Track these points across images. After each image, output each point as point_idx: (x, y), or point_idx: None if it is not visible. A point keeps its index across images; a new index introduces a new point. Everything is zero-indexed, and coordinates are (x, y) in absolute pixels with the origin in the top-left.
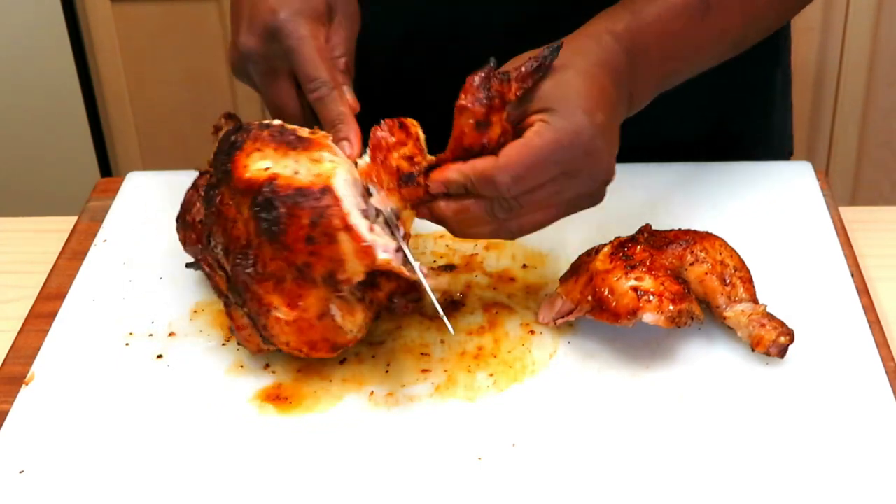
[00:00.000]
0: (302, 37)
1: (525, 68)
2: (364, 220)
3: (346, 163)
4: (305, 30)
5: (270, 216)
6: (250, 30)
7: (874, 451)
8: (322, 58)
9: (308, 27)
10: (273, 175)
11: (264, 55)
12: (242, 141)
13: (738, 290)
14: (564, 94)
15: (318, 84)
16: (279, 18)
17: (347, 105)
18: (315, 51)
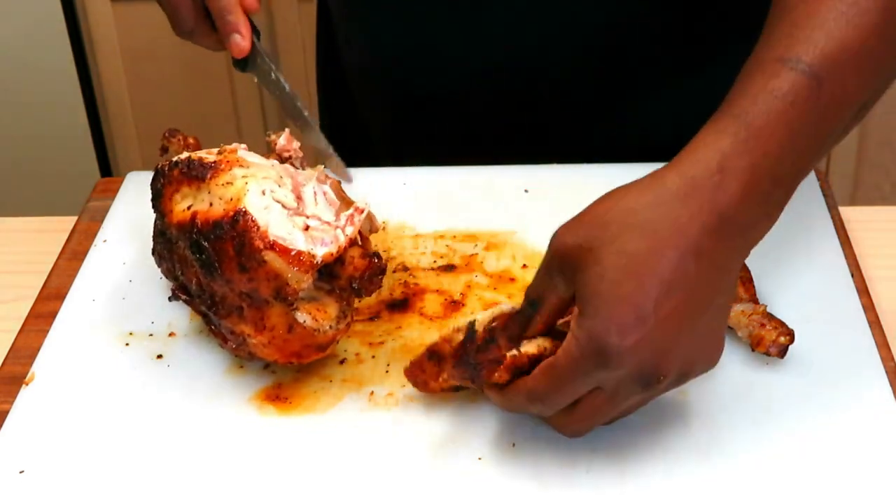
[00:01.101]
0: None
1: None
2: (291, 224)
3: (260, 169)
4: None
5: (202, 257)
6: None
7: (874, 451)
8: None
9: None
10: (194, 213)
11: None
12: (162, 186)
13: (738, 290)
14: (597, 293)
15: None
16: None
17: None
18: None
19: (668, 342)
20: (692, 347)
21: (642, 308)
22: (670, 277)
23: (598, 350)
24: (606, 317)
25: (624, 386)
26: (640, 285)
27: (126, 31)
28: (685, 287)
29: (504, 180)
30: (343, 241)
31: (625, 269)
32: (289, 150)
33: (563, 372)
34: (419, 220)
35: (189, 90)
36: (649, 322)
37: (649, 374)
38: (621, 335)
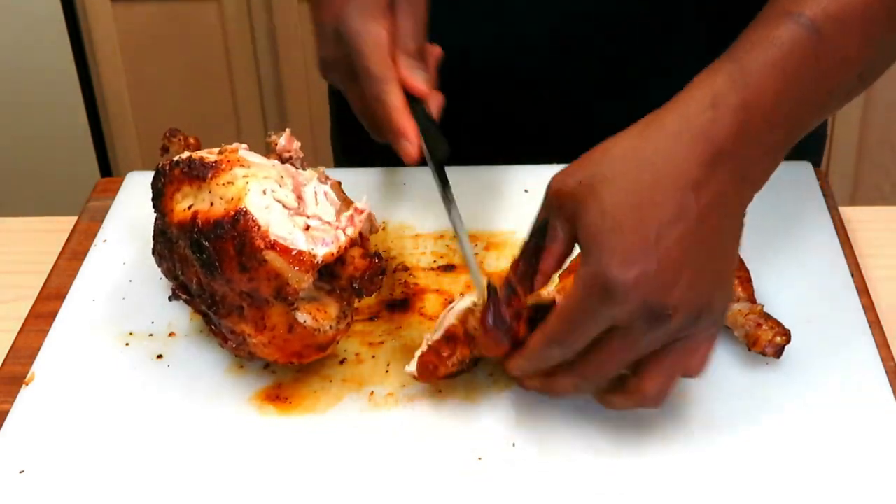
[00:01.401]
0: (360, 35)
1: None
2: (291, 224)
3: (261, 169)
4: (363, 27)
5: (203, 256)
6: (323, 36)
7: (874, 451)
8: (377, 54)
9: (367, 24)
10: (195, 212)
11: (338, 58)
12: (163, 185)
13: (736, 289)
14: (598, 230)
15: (370, 82)
16: (341, 21)
17: (398, 98)
18: (372, 48)
19: (673, 274)
20: (700, 284)
21: (644, 239)
22: (671, 210)
23: (603, 284)
24: (609, 250)
25: (635, 323)
26: (641, 218)
27: (126, 31)
28: (687, 220)
29: (504, 180)
30: (344, 241)
31: (625, 204)
32: (289, 151)
33: (574, 310)
34: (419, 220)
35: (189, 90)
36: (652, 254)
37: (656, 308)
38: (624, 267)
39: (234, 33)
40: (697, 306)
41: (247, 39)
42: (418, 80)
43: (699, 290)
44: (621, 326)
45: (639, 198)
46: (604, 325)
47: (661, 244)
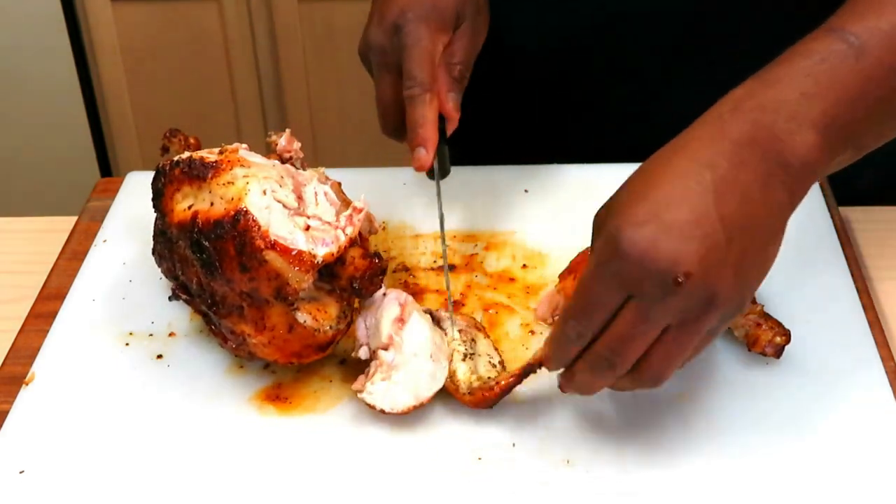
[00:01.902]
0: (418, 38)
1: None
2: (292, 224)
3: (261, 169)
4: (424, 33)
5: (203, 256)
6: (380, 23)
7: (874, 451)
8: (428, 61)
9: (428, 31)
10: (195, 213)
11: (384, 48)
12: (163, 185)
13: None
14: (613, 201)
15: (412, 84)
16: (405, 18)
17: (434, 111)
18: (424, 54)
19: (683, 242)
20: (717, 267)
21: (654, 202)
22: (683, 181)
23: (614, 247)
24: (620, 215)
25: (646, 289)
26: (653, 185)
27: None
28: (702, 192)
29: (504, 180)
30: (343, 240)
31: (639, 179)
32: (289, 151)
33: (589, 279)
34: (419, 220)
35: (189, 90)
36: (661, 214)
37: (665, 272)
38: (634, 227)
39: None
40: (710, 287)
41: (247, 39)
42: (451, 102)
43: (715, 272)
44: (634, 297)
45: (653, 169)
46: (617, 295)
47: (672, 211)
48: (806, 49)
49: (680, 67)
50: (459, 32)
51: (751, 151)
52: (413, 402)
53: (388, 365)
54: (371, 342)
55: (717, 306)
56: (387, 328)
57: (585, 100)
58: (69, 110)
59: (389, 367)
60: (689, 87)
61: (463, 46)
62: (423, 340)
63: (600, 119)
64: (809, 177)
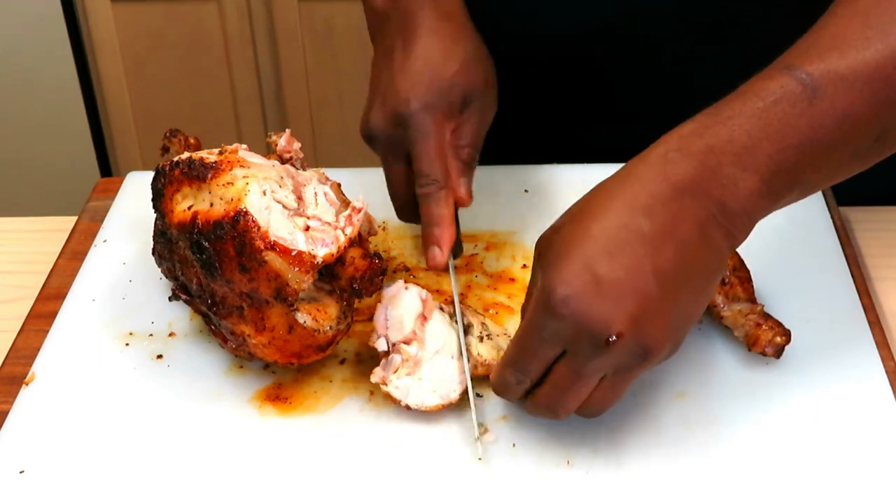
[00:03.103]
0: (426, 132)
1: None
2: (291, 224)
3: (261, 169)
4: (430, 125)
5: (203, 257)
6: (381, 110)
7: (874, 451)
8: (439, 156)
9: (434, 122)
10: (195, 213)
11: (389, 136)
12: (163, 186)
13: (736, 289)
14: (548, 248)
15: (427, 181)
16: (409, 108)
17: (449, 207)
18: (434, 148)
19: (617, 298)
20: (650, 313)
21: (587, 256)
22: (618, 230)
23: (546, 301)
24: (555, 267)
25: (581, 349)
26: (587, 236)
27: (126, 31)
28: (637, 243)
29: (504, 180)
30: (343, 241)
31: (574, 222)
32: (289, 151)
33: (525, 332)
34: None
35: (189, 90)
36: (594, 270)
37: (598, 328)
38: (566, 283)
39: (234, 33)
40: (642, 344)
41: (247, 39)
42: (464, 190)
43: (647, 328)
44: (568, 351)
45: (588, 217)
46: (551, 350)
47: (605, 266)
48: (761, 87)
49: (681, 67)
50: (467, 114)
51: (692, 197)
52: (441, 402)
53: (413, 360)
54: (391, 334)
55: (649, 359)
56: (409, 323)
57: (586, 100)
58: (69, 110)
59: (415, 361)
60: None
61: (472, 128)
62: (447, 338)
63: (600, 119)
64: (750, 221)
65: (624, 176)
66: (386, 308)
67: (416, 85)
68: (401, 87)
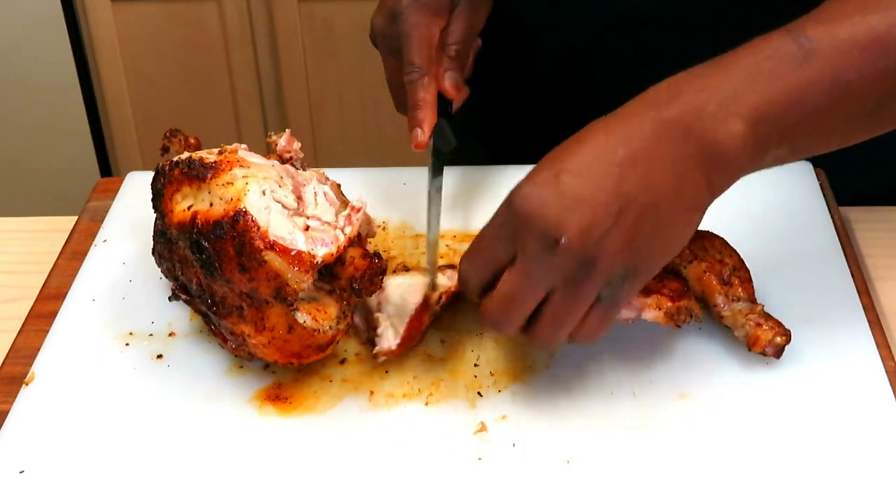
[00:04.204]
0: (415, 24)
1: None
2: (291, 224)
3: (261, 169)
4: (419, 18)
5: (202, 257)
6: (380, 10)
7: (874, 451)
8: (425, 46)
9: (424, 15)
10: (194, 213)
11: (386, 34)
12: (163, 186)
13: (736, 289)
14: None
15: (410, 69)
16: (401, 4)
17: (430, 93)
18: (419, 38)
19: (574, 205)
20: (604, 228)
21: (558, 168)
22: (593, 152)
23: (510, 198)
24: (527, 178)
25: (529, 247)
26: (566, 153)
27: (126, 31)
28: (607, 164)
29: (504, 180)
30: (343, 240)
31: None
32: (289, 151)
33: (484, 228)
34: (419, 220)
35: (189, 90)
36: (561, 179)
37: (548, 227)
38: (531, 183)
39: (234, 33)
40: (588, 252)
41: (247, 39)
42: (450, 82)
43: (599, 239)
44: (518, 252)
45: (572, 143)
46: (502, 249)
47: (570, 179)
48: (757, 45)
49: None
50: (457, 13)
51: (674, 131)
52: (409, 311)
53: (385, 316)
54: (369, 321)
55: (596, 273)
56: (372, 300)
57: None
58: (69, 110)
59: (388, 316)
60: None
61: (460, 26)
62: (404, 283)
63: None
64: (732, 167)
65: (614, 114)
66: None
67: None
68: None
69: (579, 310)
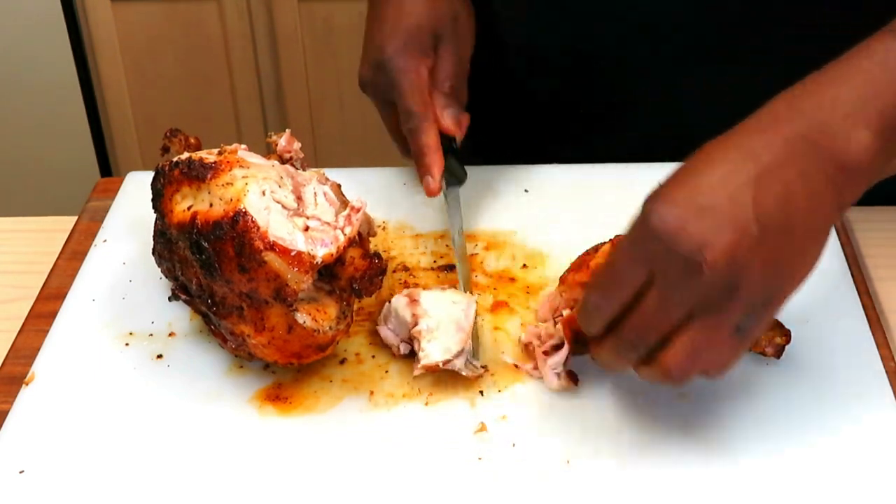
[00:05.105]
0: (402, 73)
1: None
2: (291, 225)
3: (260, 170)
4: (405, 64)
5: (202, 257)
6: (365, 61)
7: (874, 451)
8: (417, 92)
9: (409, 62)
10: (194, 213)
11: (376, 85)
12: (163, 186)
13: None
14: (651, 194)
15: (408, 117)
16: (385, 54)
17: (433, 137)
18: (410, 85)
19: (715, 223)
20: (746, 249)
21: (693, 187)
22: (725, 170)
23: (645, 224)
24: (658, 196)
25: (671, 270)
26: (696, 171)
27: (126, 31)
28: (743, 182)
29: (504, 180)
30: (343, 240)
31: (688, 162)
32: (289, 151)
33: (615, 253)
34: (419, 220)
35: (189, 90)
36: (697, 200)
37: (691, 248)
38: (667, 206)
39: (234, 33)
40: (733, 277)
41: (247, 39)
42: (449, 120)
43: (741, 264)
44: (657, 279)
45: (698, 160)
46: (640, 272)
47: (708, 196)
48: (866, 49)
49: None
50: (443, 49)
51: (802, 146)
52: (462, 335)
53: (427, 330)
54: (402, 335)
55: (739, 298)
56: (406, 313)
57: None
58: (69, 110)
59: (430, 330)
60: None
61: (449, 62)
62: (443, 298)
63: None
64: (862, 178)
65: (735, 130)
66: (384, 325)
67: (389, 32)
68: (377, 37)
69: (719, 339)
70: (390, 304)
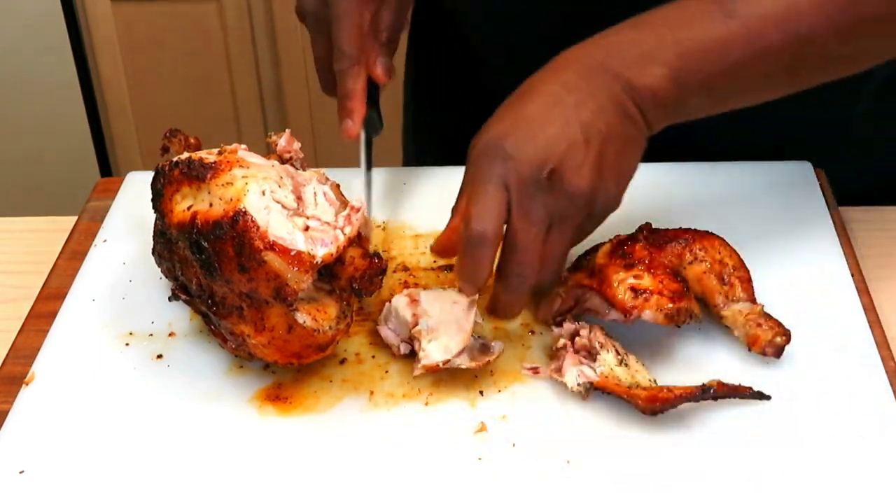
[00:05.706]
0: (345, 11)
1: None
2: (291, 224)
3: (260, 169)
4: (348, 5)
5: (202, 257)
6: None
7: (874, 451)
8: (355, 34)
9: (354, 3)
10: (194, 213)
11: (316, 16)
12: (163, 186)
13: (735, 289)
14: (479, 133)
15: (341, 58)
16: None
17: (361, 82)
18: (352, 26)
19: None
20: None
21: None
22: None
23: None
24: (488, 127)
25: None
26: (518, 106)
27: (126, 31)
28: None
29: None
30: (342, 240)
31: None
32: (289, 151)
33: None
34: (419, 220)
35: (189, 90)
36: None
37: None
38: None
39: (234, 33)
40: (573, 182)
41: (247, 39)
42: (381, 68)
43: (575, 170)
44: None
45: (523, 95)
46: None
47: (538, 120)
48: (681, 5)
49: None
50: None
51: (603, 76)
52: (464, 336)
53: (428, 329)
54: (402, 335)
55: (584, 202)
56: (406, 313)
57: None
58: (69, 110)
59: (430, 330)
60: None
61: (390, 12)
62: (443, 299)
63: None
64: (658, 104)
65: (550, 66)
66: (385, 325)
67: None
68: None
69: (568, 243)
70: (390, 304)
